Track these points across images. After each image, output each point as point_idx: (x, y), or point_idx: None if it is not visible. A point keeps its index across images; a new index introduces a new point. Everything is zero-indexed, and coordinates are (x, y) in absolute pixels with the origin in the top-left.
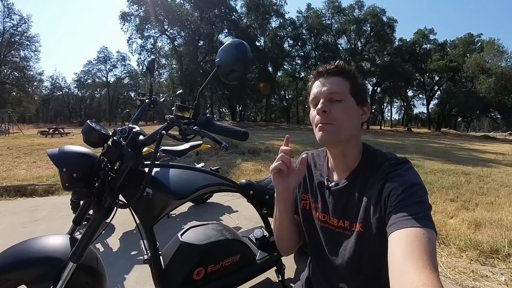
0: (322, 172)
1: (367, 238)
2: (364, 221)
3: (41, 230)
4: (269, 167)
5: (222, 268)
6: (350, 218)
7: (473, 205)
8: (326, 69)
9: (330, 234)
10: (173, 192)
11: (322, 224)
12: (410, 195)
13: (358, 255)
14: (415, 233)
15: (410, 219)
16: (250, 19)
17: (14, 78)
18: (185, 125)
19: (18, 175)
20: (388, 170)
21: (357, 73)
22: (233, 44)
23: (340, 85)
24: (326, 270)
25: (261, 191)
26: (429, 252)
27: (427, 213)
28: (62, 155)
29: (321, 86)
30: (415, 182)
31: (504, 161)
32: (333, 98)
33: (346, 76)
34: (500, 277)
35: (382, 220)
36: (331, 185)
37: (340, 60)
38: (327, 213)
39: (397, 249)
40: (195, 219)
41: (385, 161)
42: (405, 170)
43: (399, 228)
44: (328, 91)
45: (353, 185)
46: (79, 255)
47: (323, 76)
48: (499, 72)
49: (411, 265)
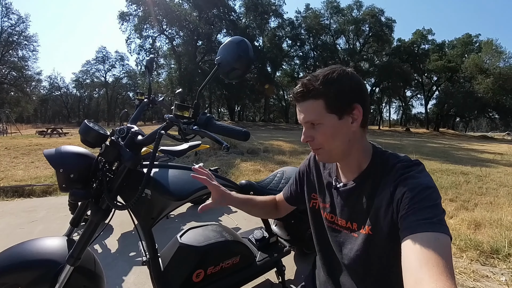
0: (331, 172)
1: (376, 241)
2: (374, 224)
3: (38, 231)
4: (268, 167)
5: (221, 269)
6: (359, 220)
7: (472, 205)
8: (294, 94)
9: (338, 235)
10: (172, 193)
11: (329, 224)
12: (423, 198)
13: (366, 257)
14: (429, 239)
15: (424, 224)
16: (249, 19)
17: (12, 78)
18: (185, 124)
19: (15, 176)
20: (400, 172)
21: (331, 78)
22: (235, 41)
23: (313, 109)
24: (333, 270)
25: (261, 192)
26: (445, 258)
27: (441, 218)
28: (59, 155)
29: (298, 113)
30: (429, 185)
31: (502, 161)
32: (312, 124)
33: (316, 95)
34: (500, 277)
35: (394, 223)
36: (339, 186)
37: (308, 74)
38: (335, 214)
39: (412, 256)
40: (194, 220)
41: (398, 163)
42: (419, 172)
43: (413, 233)
44: (304, 121)
45: (362, 186)
46: (76, 258)
47: (296, 101)
48: (497, 72)
49: (427, 272)
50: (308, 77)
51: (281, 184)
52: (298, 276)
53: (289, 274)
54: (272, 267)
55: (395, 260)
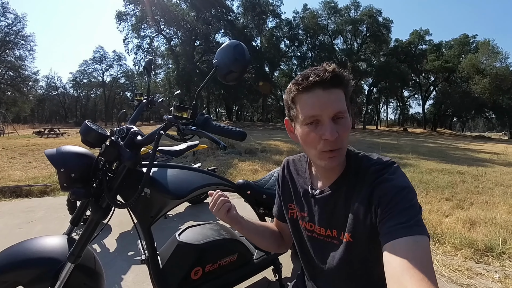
0: (305, 180)
1: (357, 247)
2: (353, 230)
3: (37, 231)
4: (266, 167)
5: (219, 267)
6: (338, 227)
7: (468, 204)
8: (325, 78)
9: (318, 244)
10: (171, 192)
11: (309, 233)
12: (400, 201)
13: (349, 264)
14: (408, 243)
15: (403, 228)
16: (247, 19)
17: (9, 77)
18: (184, 125)
19: (13, 176)
20: (374, 175)
21: (346, 74)
22: (231, 45)
23: (341, 99)
24: (317, 278)
25: (258, 191)
26: (425, 262)
27: (418, 218)
28: (60, 155)
29: (323, 103)
30: (403, 186)
31: (498, 161)
32: (337, 117)
33: (343, 85)
34: (494, 274)
35: (374, 227)
36: (316, 193)
37: (331, 62)
38: (314, 222)
39: (393, 262)
40: (192, 219)
41: (371, 166)
42: (392, 174)
43: (393, 239)
44: (334, 111)
45: (339, 192)
46: (77, 256)
47: (320, 87)
48: (494, 73)
49: (410, 279)
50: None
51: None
52: (295, 273)
53: (286, 272)
54: (269, 265)
55: (378, 261)
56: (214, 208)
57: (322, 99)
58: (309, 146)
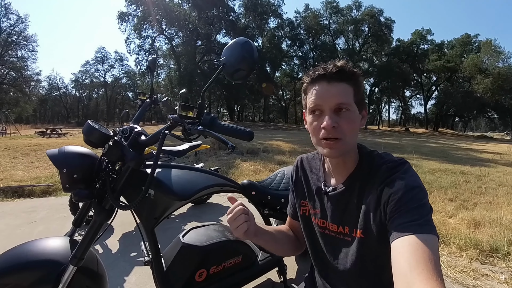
0: (318, 177)
1: (369, 244)
2: (365, 227)
3: (39, 231)
4: (268, 167)
5: (224, 269)
6: (350, 224)
7: (472, 205)
8: (329, 71)
9: (331, 240)
10: (176, 193)
11: (321, 230)
12: (410, 199)
13: (360, 261)
14: (417, 241)
15: (412, 226)
16: (248, 19)
17: (11, 78)
18: (190, 124)
19: (15, 176)
20: (386, 174)
21: (360, 73)
22: (239, 42)
23: (346, 93)
24: (328, 275)
25: (263, 192)
26: (433, 260)
27: (428, 218)
28: (62, 155)
29: (325, 94)
30: (415, 185)
31: (501, 161)
32: (339, 108)
33: (351, 79)
34: (500, 275)
35: (383, 225)
36: (329, 190)
37: (341, 59)
38: (326, 219)
39: (401, 259)
40: (195, 220)
41: (383, 164)
42: (404, 173)
43: (401, 236)
44: (335, 102)
45: (351, 189)
46: (79, 258)
47: (325, 80)
48: (496, 72)
49: (417, 277)
50: (343, 60)
51: (282, 184)
52: (300, 275)
53: (290, 274)
54: (274, 266)
55: (389, 260)
56: (233, 224)
57: (325, 91)
58: (312, 134)
